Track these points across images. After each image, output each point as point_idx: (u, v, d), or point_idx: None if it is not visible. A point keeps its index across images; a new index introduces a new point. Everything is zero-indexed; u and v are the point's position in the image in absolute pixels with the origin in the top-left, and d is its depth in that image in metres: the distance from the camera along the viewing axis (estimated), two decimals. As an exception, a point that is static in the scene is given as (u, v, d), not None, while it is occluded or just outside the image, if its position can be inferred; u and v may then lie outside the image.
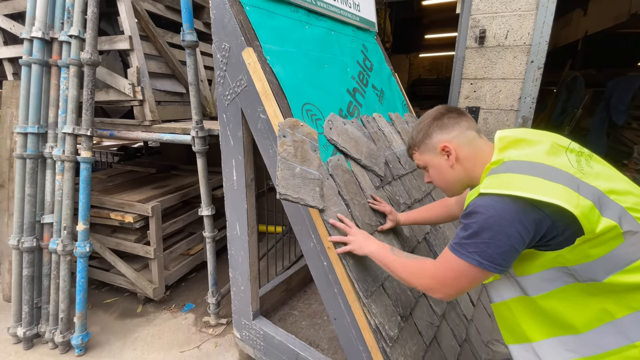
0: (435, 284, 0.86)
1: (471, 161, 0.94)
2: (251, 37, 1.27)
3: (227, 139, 1.50)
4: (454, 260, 0.80)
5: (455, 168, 0.95)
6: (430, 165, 1.01)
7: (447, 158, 0.96)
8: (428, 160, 1.01)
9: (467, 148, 0.94)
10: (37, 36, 1.91)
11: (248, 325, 1.74)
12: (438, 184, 1.03)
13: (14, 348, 1.94)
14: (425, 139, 0.99)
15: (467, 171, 0.94)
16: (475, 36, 2.64)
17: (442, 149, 0.95)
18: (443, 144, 0.95)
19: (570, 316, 0.79)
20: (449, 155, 0.95)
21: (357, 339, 1.20)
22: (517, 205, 0.72)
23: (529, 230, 0.72)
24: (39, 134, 1.96)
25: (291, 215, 1.32)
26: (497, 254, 0.74)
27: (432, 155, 0.99)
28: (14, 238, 1.92)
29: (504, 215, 0.73)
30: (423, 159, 1.02)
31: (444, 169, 0.97)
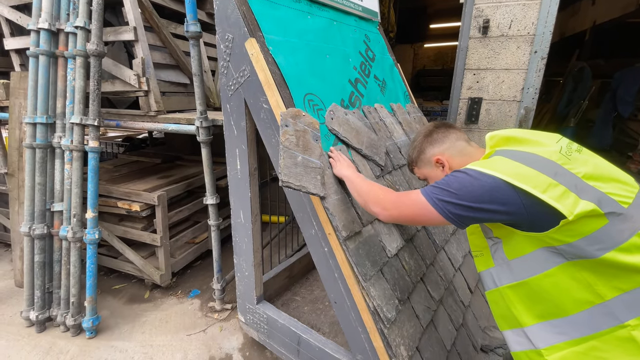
0: (385, 202, 0.98)
1: (460, 164, 1.02)
2: (254, 28, 1.29)
3: (231, 128, 1.53)
4: (414, 193, 0.91)
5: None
6: (429, 177, 1.14)
7: (442, 169, 1.07)
8: (426, 173, 1.14)
9: (459, 157, 1.05)
10: (44, 27, 1.93)
11: (252, 310, 1.80)
12: None
13: (27, 331, 2.02)
14: (420, 155, 1.13)
15: None
16: (479, 26, 2.63)
17: (436, 162, 1.08)
18: (436, 157, 1.08)
19: (560, 299, 0.82)
20: (443, 166, 1.07)
21: (356, 321, 1.24)
22: (494, 182, 0.79)
23: (498, 205, 0.79)
24: (48, 124, 2.01)
25: (293, 203, 1.36)
26: (455, 205, 0.82)
27: (429, 168, 1.12)
28: (25, 225, 1.99)
29: (480, 183, 0.81)
30: (422, 172, 1.16)
31: (440, 178, 1.05)
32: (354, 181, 1.15)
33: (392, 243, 1.39)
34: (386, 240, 1.36)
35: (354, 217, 1.28)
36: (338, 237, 1.19)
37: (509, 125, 2.73)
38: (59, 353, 1.87)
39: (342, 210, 1.24)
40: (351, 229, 1.23)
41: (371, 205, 1.03)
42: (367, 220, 1.33)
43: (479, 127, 2.83)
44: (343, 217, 1.22)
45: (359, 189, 1.11)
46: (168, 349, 1.92)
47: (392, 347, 1.16)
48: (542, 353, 0.85)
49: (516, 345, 0.92)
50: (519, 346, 0.92)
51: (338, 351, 1.46)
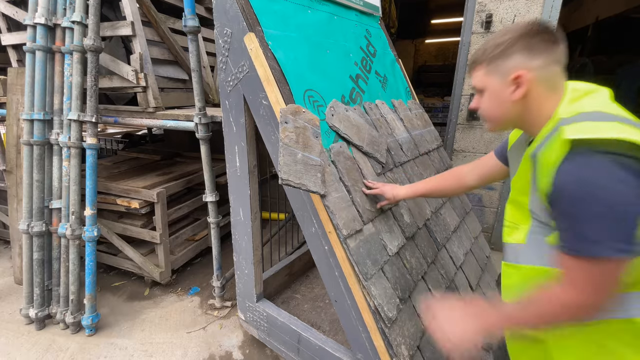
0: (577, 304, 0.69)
1: (538, 104, 0.77)
2: (253, 22, 1.26)
3: (230, 125, 1.51)
4: (593, 264, 0.64)
5: (517, 105, 0.79)
6: (488, 90, 0.82)
7: (513, 90, 0.78)
8: (488, 84, 0.82)
9: (544, 87, 0.76)
10: (40, 22, 1.91)
11: (252, 308, 1.79)
12: (486, 113, 0.86)
13: (26, 328, 2.02)
14: (501, 57, 0.78)
15: (528, 113, 0.79)
16: (482, 21, 2.59)
17: (515, 77, 0.76)
18: (519, 71, 0.75)
19: None
20: (517, 88, 0.77)
21: (357, 320, 1.23)
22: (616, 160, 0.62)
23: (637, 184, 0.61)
24: (45, 120, 1.99)
25: (293, 201, 1.34)
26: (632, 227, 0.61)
27: (497, 80, 0.80)
28: (23, 223, 1.98)
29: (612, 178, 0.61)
30: (484, 80, 0.82)
31: (503, 101, 0.80)
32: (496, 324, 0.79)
33: (393, 241, 1.37)
34: (387, 239, 1.35)
35: (355, 215, 1.26)
36: (338, 236, 1.18)
37: (511, 122, 2.70)
38: (59, 350, 1.87)
39: (342, 208, 1.22)
40: (352, 227, 1.21)
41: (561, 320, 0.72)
42: (368, 219, 1.31)
43: (481, 124, 2.80)
44: (343, 215, 1.21)
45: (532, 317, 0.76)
46: (168, 346, 1.92)
47: (393, 346, 1.15)
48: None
49: None
50: None
51: (338, 350, 1.45)
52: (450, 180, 1.24)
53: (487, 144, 2.83)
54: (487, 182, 1.18)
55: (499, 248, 3.01)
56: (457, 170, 1.24)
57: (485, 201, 2.98)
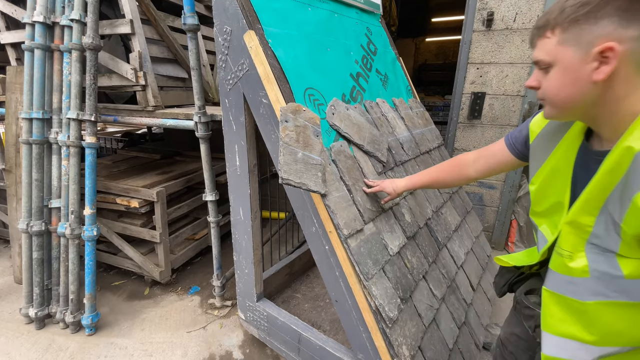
0: None
1: (625, 91, 0.60)
2: (253, 20, 1.25)
3: (230, 124, 1.50)
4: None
5: (596, 88, 0.61)
6: (559, 65, 0.63)
7: (596, 67, 0.59)
8: (562, 57, 0.62)
9: (636, 67, 0.58)
10: (39, 20, 1.89)
11: (252, 307, 1.78)
12: (551, 94, 0.67)
13: (26, 328, 2.01)
14: (587, 21, 0.59)
15: (609, 99, 0.61)
16: (483, 19, 2.58)
17: (602, 52, 0.58)
18: (610, 43, 0.57)
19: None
20: (601, 64, 0.59)
21: (357, 320, 1.23)
22: None
23: None
24: (44, 119, 1.98)
25: (294, 200, 1.33)
26: None
27: (575, 52, 0.61)
28: (23, 222, 1.97)
29: None
30: (556, 51, 0.63)
31: (580, 79, 0.62)
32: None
33: (394, 241, 1.36)
34: (388, 238, 1.34)
35: (356, 214, 1.25)
36: (339, 235, 1.17)
37: (512, 121, 2.69)
38: (59, 350, 1.86)
39: (343, 207, 1.21)
40: (353, 227, 1.20)
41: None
42: (369, 218, 1.30)
43: (482, 122, 2.79)
44: (344, 214, 1.20)
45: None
46: (168, 345, 1.91)
47: (394, 346, 1.14)
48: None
49: (562, 352, 0.77)
50: (565, 353, 0.76)
51: (339, 350, 1.44)
52: (452, 171, 1.16)
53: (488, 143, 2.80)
54: (493, 174, 1.09)
55: (500, 247, 3.01)
56: (460, 160, 1.15)
57: (486, 200, 2.97)
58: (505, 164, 1.01)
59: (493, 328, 1.95)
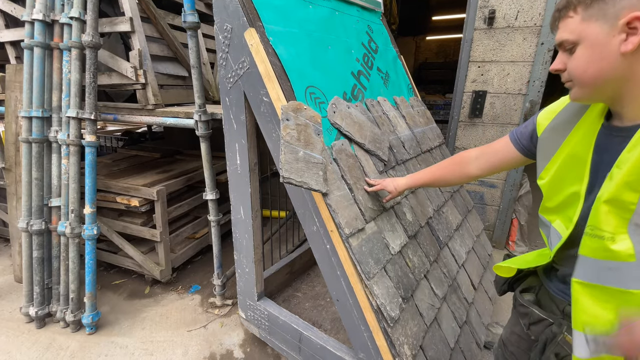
0: None
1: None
2: (253, 18, 1.24)
3: (230, 122, 1.49)
4: None
5: (626, 59, 0.61)
6: (587, 42, 0.63)
7: (624, 39, 0.59)
8: (588, 34, 0.63)
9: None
10: (38, 18, 1.89)
11: (253, 306, 1.78)
12: (578, 72, 0.66)
13: (26, 327, 2.01)
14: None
15: (635, 77, 0.62)
16: (484, 17, 2.56)
17: (628, 22, 0.58)
18: (636, 12, 0.57)
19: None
20: (629, 36, 0.59)
21: (359, 320, 1.22)
22: None
23: None
24: (44, 117, 1.97)
25: (295, 199, 1.32)
26: None
27: (601, 27, 0.61)
28: (22, 221, 1.96)
29: None
30: (581, 28, 0.63)
31: (608, 53, 0.62)
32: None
33: (395, 240, 1.36)
34: (390, 237, 1.33)
35: (357, 213, 1.24)
36: (340, 235, 1.16)
37: (513, 120, 2.68)
38: (59, 349, 1.86)
39: (344, 206, 1.20)
40: (354, 226, 1.20)
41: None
42: (370, 217, 1.29)
43: (483, 121, 2.78)
44: (346, 213, 1.19)
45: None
46: (169, 344, 1.91)
47: (396, 346, 1.14)
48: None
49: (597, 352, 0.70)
50: (600, 351, 0.69)
51: (340, 349, 1.44)
52: (453, 169, 1.13)
53: (489, 141, 2.80)
54: (495, 172, 1.05)
55: (501, 246, 3.00)
56: (462, 157, 1.12)
57: (487, 199, 2.96)
58: (509, 160, 0.99)
59: (494, 327, 1.94)
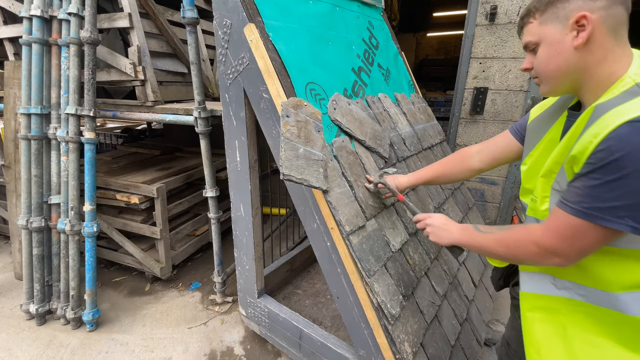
0: (549, 249, 0.71)
1: (604, 51, 0.70)
2: (253, 13, 1.23)
3: (230, 119, 1.48)
4: (586, 226, 0.65)
5: (579, 52, 0.71)
6: (544, 41, 0.75)
7: (575, 35, 0.70)
8: (546, 34, 0.74)
9: (608, 34, 0.69)
10: (36, 14, 1.87)
11: (253, 303, 1.78)
12: (542, 69, 0.77)
13: (27, 324, 2.01)
14: (559, 1, 0.72)
15: (591, 62, 0.71)
16: (486, 13, 2.54)
17: (577, 21, 0.69)
18: (582, 12, 0.68)
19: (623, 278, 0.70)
20: (579, 32, 0.70)
21: (359, 317, 1.22)
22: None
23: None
24: (42, 114, 1.96)
25: (295, 196, 1.32)
26: None
27: (555, 28, 0.73)
28: (22, 218, 1.96)
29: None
30: (540, 31, 0.75)
31: (563, 49, 0.72)
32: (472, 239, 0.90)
33: (396, 237, 1.35)
34: (390, 235, 1.33)
35: (358, 211, 1.24)
36: (341, 232, 1.16)
37: (514, 116, 2.67)
38: (60, 346, 1.86)
39: (345, 204, 1.20)
40: (354, 224, 1.19)
41: (526, 258, 0.77)
42: (371, 214, 1.29)
43: (484, 118, 2.77)
44: (346, 211, 1.19)
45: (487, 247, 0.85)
46: (169, 341, 1.91)
47: (396, 343, 1.13)
48: (564, 301, 0.78)
49: (531, 287, 0.85)
50: (534, 288, 0.84)
51: (340, 346, 1.44)
52: (455, 164, 1.18)
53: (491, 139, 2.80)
54: (498, 164, 1.11)
55: (501, 243, 2.99)
56: (463, 152, 1.17)
57: (487, 196, 2.95)
58: (509, 151, 1.05)
59: (494, 324, 1.94)
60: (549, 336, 0.80)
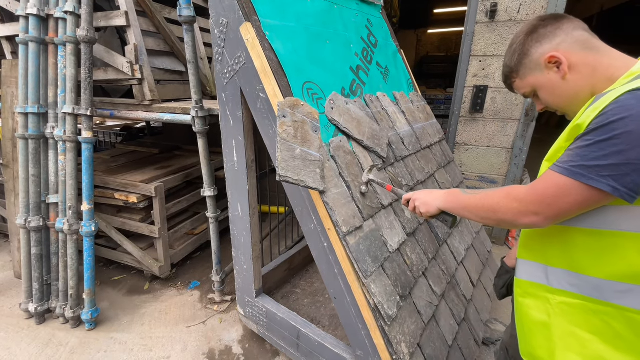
0: (529, 206, 0.71)
1: (590, 65, 0.76)
2: (249, 11, 1.21)
3: (227, 118, 1.47)
4: (569, 184, 0.65)
5: (569, 79, 0.78)
6: (538, 87, 0.84)
7: (557, 70, 0.79)
8: (534, 82, 0.84)
9: (581, 51, 0.77)
10: (33, 13, 1.86)
11: (251, 303, 1.78)
12: (555, 104, 0.84)
13: (26, 323, 2.02)
14: (522, 59, 0.83)
15: (586, 78, 0.77)
16: (486, 10, 2.52)
17: (548, 61, 0.79)
18: (548, 54, 0.78)
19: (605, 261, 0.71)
20: (559, 66, 0.78)
21: (356, 318, 1.22)
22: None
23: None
24: (40, 114, 1.95)
25: (292, 197, 1.31)
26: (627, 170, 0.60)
27: (537, 75, 0.82)
28: (21, 218, 1.96)
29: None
30: (527, 83, 0.85)
31: (556, 85, 0.80)
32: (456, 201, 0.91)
33: (393, 237, 1.35)
34: (388, 235, 1.32)
35: (355, 211, 1.23)
36: (338, 233, 1.15)
37: (514, 115, 2.65)
38: (59, 345, 1.87)
39: (342, 204, 1.19)
40: (351, 224, 1.18)
41: (505, 215, 0.76)
42: (368, 215, 1.28)
43: (484, 116, 2.75)
44: (343, 211, 1.18)
45: (470, 205, 0.85)
46: (168, 340, 1.92)
47: (393, 344, 1.13)
48: (553, 291, 0.80)
49: (525, 275, 0.86)
50: (528, 276, 0.86)
51: (338, 346, 1.44)
52: None
53: (490, 137, 2.78)
54: None
55: (500, 242, 2.99)
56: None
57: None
58: None
59: (493, 323, 1.94)
60: (534, 322, 0.83)
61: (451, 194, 0.94)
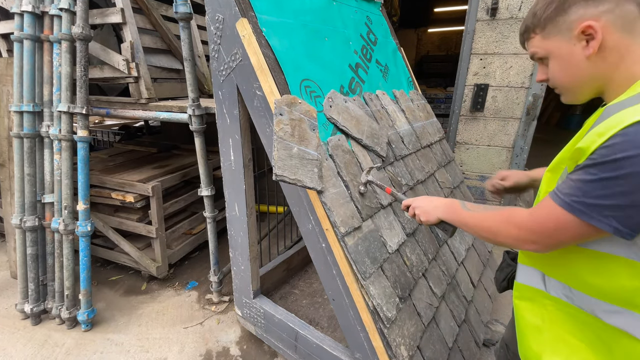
0: (529, 234, 0.70)
1: (619, 53, 0.66)
2: (246, 7, 1.19)
3: (224, 117, 1.45)
4: (569, 220, 0.63)
5: (592, 60, 0.68)
6: (554, 54, 0.72)
7: (585, 44, 0.67)
8: (553, 48, 0.72)
9: (620, 32, 0.65)
10: (27, 10, 1.83)
11: (249, 304, 1.76)
12: (559, 82, 0.75)
13: (22, 323, 1.99)
14: (557, 15, 0.69)
15: (608, 67, 0.67)
16: (487, 8, 2.49)
17: (582, 31, 0.66)
18: (586, 22, 0.65)
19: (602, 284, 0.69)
20: (588, 41, 0.66)
21: (355, 320, 1.19)
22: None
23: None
24: (35, 112, 1.93)
25: (289, 196, 1.29)
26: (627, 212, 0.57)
27: (561, 40, 0.70)
28: (16, 217, 1.93)
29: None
30: (545, 45, 0.73)
31: (575, 60, 0.69)
32: (456, 216, 0.89)
33: (393, 238, 1.32)
34: (387, 236, 1.30)
35: (353, 211, 1.21)
36: (336, 233, 1.13)
37: (515, 114, 2.63)
38: (55, 346, 1.85)
39: (340, 204, 1.17)
40: (350, 225, 1.16)
41: (505, 240, 0.75)
42: (367, 215, 1.26)
43: (485, 115, 2.73)
44: (341, 211, 1.16)
45: (469, 224, 0.85)
46: (165, 341, 1.90)
47: (392, 347, 1.11)
48: (549, 297, 0.79)
49: (524, 279, 0.86)
50: (526, 281, 0.85)
51: (336, 348, 1.41)
52: None
53: (491, 136, 2.76)
54: None
55: (501, 242, 2.97)
56: None
57: (488, 195, 2.92)
58: None
59: (494, 324, 1.92)
60: (528, 325, 0.83)
61: (451, 207, 0.92)
